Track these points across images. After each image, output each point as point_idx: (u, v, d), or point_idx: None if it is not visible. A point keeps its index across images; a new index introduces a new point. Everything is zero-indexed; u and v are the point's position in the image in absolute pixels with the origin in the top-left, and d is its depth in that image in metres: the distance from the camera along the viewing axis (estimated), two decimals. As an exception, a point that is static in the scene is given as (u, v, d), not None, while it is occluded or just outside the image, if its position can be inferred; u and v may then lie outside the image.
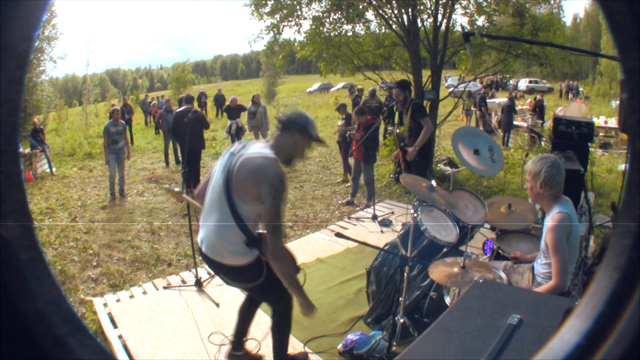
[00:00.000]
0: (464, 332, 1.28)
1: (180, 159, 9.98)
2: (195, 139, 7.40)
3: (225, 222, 2.26)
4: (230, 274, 2.46)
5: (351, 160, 7.10)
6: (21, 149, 7.10)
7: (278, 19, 8.36)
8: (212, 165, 7.75)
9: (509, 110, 12.77)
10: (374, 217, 5.77)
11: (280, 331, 2.68)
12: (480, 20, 8.34)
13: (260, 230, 2.38)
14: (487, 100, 15.34)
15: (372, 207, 5.99)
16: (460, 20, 8.79)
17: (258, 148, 2.33)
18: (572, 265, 2.58)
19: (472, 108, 14.64)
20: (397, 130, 5.55)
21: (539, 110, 14.73)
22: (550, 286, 2.40)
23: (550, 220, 2.44)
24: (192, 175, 7.96)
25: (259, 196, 2.19)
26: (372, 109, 6.67)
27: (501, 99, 14.46)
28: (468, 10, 8.28)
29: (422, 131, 4.91)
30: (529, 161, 2.59)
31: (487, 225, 4.13)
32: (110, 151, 7.43)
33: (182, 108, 7.70)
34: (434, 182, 3.08)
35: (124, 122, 8.01)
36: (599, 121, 12.57)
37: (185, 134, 6.92)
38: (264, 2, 8.25)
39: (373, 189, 6.44)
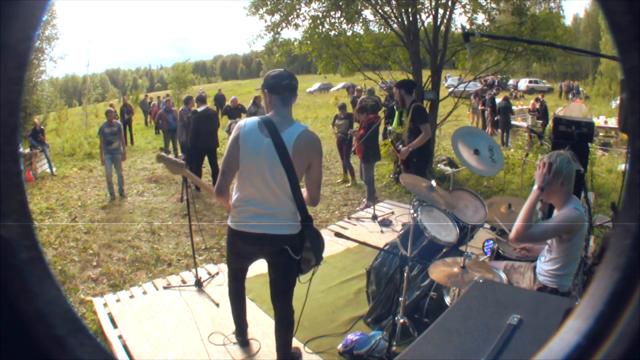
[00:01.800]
0: (464, 332, 1.28)
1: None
2: (215, 138, 7.78)
3: (284, 198, 2.47)
4: (285, 244, 2.52)
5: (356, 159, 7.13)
6: (21, 149, 7.10)
7: (277, 19, 8.37)
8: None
9: (506, 110, 12.88)
10: (374, 217, 5.77)
11: (289, 329, 2.76)
12: (480, 19, 8.37)
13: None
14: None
15: (372, 207, 5.99)
16: (460, 19, 8.82)
17: (293, 122, 2.48)
18: (573, 266, 2.58)
19: (481, 107, 14.71)
20: (391, 138, 5.53)
21: (542, 111, 14.58)
22: (516, 227, 2.44)
23: (563, 212, 2.45)
24: (213, 173, 8.05)
25: (308, 165, 2.49)
26: (368, 107, 6.66)
27: (497, 99, 14.47)
28: (467, 9, 8.30)
29: (420, 136, 4.89)
30: (544, 157, 2.56)
31: (487, 225, 4.13)
32: (106, 151, 7.47)
33: (202, 108, 7.63)
34: (434, 182, 3.08)
35: (119, 122, 8.03)
36: (599, 121, 12.59)
37: (207, 133, 7.38)
38: (263, 1, 8.26)
39: (373, 188, 6.44)
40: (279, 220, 2.48)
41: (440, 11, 7.91)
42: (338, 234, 2.48)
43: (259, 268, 4.51)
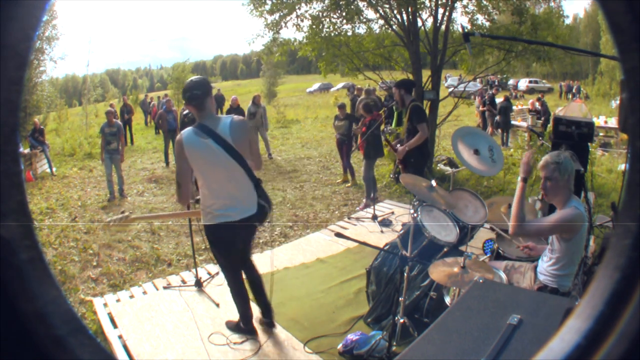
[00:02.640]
0: (464, 332, 1.28)
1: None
2: None
3: (244, 181, 2.86)
4: (256, 220, 2.97)
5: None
6: (21, 149, 7.14)
7: (278, 18, 8.36)
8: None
9: (506, 110, 12.85)
10: (374, 217, 5.77)
11: (262, 280, 3.32)
12: (481, 19, 8.36)
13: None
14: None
15: (372, 206, 5.99)
16: (460, 19, 8.81)
17: (219, 118, 2.86)
18: (575, 266, 2.58)
19: (481, 108, 14.69)
20: (388, 137, 5.54)
21: (544, 111, 14.31)
22: (512, 222, 2.50)
23: (564, 210, 2.46)
24: None
25: (249, 143, 2.89)
26: (371, 105, 6.70)
27: (497, 99, 14.43)
28: (468, 9, 8.29)
29: (417, 135, 4.89)
30: (546, 157, 2.56)
31: (487, 225, 4.13)
32: (105, 151, 7.56)
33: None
34: (434, 182, 3.08)
35: (119, 123, 8.07)
36: (599, 121, 12.56)
37: None
38: (263, 0, 8.26)
39: (371, 187, 6.43)
40: (247, 203, 2.90)
41: (441, 10, 7.91)
42: (338, 234, 2.48)
43: (258, 268, 4.52)
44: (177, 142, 2.77)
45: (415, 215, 3.26)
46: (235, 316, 3.34)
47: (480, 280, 1.64)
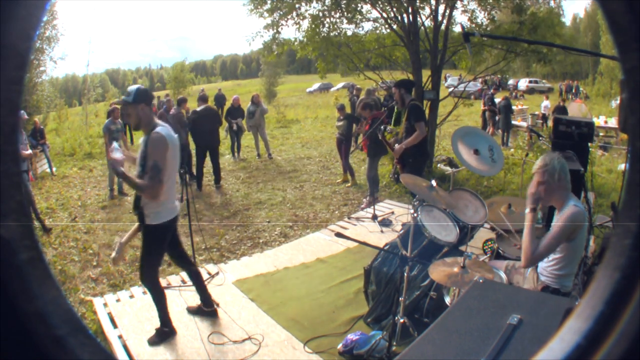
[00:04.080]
0: (464, 332, 1.28)
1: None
2: (216, 136, 8.05)
3: None
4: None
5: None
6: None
7: (277, 17, 8.36)
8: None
9: (506, 110, 12.83)
10: (374, 217, 5.77)
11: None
12: (481, 17, 8.36)
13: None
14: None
15: (373, 206, 5.99)
16: (460, 18, 8.80)
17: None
18: (575, 266, 2.58)
19: (482, 108, 14.64)
20: (386, 135, 5.54)
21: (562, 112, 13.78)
22: (525, 255, 2.43)
23: (565, 213, 2.44)
24: (214, 170, 8.13)
25: None
26: (371, 104, 6.71)
27: (497, 99, 14.36)
28: (469, 8, 8.29)
29: (414, 134, 4.88)
30: (537, 162, 2.55)
31: (487, 225, 4.12)
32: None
33: (202, 107, 8.00)
34: (434, 182, 3.08)
35: (121, 120, 8.08)
36: (599, 121, 12.56)
37: (208, 132, 7.73)
38: (263, 0, 8.26)
39: (372, 185, 6.42)
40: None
41: (441, 9, 7.90)
42: (338, 234, 2.48)
43: (258, 268, 4.52)
44: (160, 140, 2.86)
45: (415, 215, 3.26)
46: (233, 317, 3.35)
47: (480, 280, 1.64)
